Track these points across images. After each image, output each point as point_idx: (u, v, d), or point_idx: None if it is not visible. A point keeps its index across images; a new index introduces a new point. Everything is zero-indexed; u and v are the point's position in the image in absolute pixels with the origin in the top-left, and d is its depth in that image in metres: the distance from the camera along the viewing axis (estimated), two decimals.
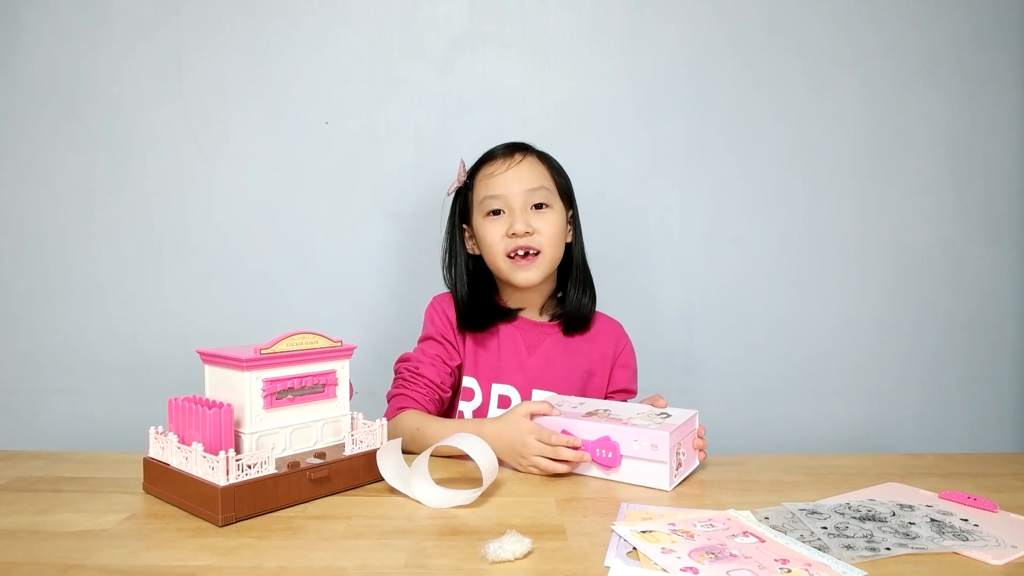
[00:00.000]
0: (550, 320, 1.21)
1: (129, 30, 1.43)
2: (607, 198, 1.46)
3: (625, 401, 1.19)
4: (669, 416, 0.93)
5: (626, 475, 0.89)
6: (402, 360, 1.17)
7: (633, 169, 1.47)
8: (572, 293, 1.19)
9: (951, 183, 1.49)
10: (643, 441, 0.87)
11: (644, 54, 1.46)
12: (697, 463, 0.95)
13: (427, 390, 1.11)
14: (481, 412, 1.15)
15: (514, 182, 1.13)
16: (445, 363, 1.14)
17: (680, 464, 0.89)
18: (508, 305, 1.20)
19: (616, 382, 1.21)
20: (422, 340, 1.19)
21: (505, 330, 1.18)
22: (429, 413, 1.09)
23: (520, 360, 1.16)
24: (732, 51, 1.46)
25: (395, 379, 1.15)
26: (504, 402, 1.15)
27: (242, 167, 1.45)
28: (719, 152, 1.47)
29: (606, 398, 1.19)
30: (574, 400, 1.03)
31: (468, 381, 1.16)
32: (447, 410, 1.17)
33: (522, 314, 1.20)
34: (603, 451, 0.89)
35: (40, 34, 1.43)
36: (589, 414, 0.94)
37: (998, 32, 1.47)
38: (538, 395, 1.14)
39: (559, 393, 1.14)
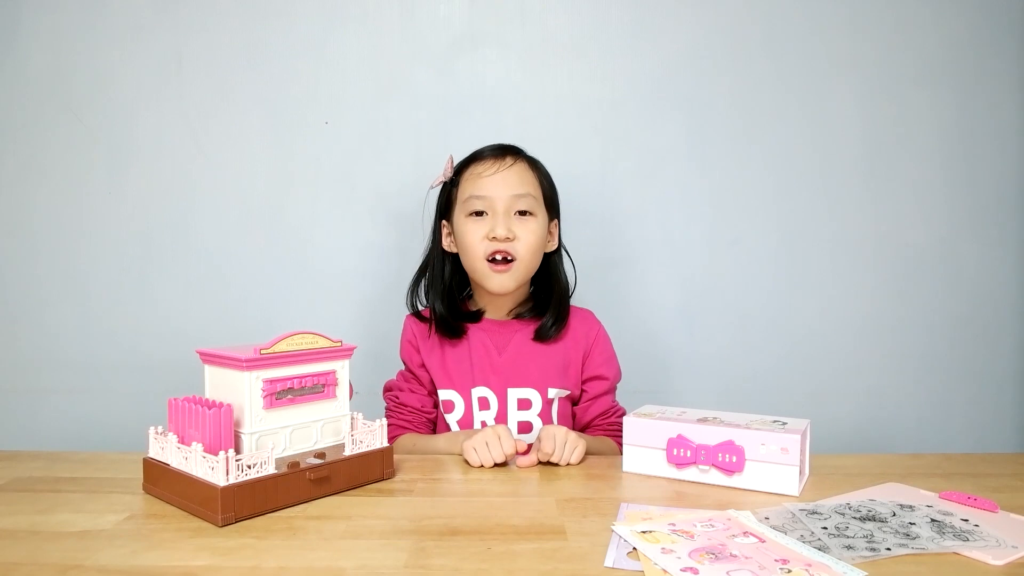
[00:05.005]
0: (515, 318, 1.19)
1: (129, 30, 1.43)
2: (607, 198, 1.46)
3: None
4: (785, 424, 0.90)
5: (750, 481, 0.86)
6: (387, 389, 1.20)
7: (633, 169, 1.47)
8: (548, 319, 1.15)
9: (951, 183, 1.48)
10: (772, 444, 0.85)
11: (644, 54, 1.46)
12: (807, 473, 0.91)
13: (412, 415, 1.15)
14: (466, 420, 1.14)
15: (501, 185, 1.11)
16: (422, 386, 1.18)
17: (802, 471, 0.87)
18: (478, 305, 1.20)
19: (590, 369, 1.18)
20: (402, 365, 1.21)
21: (474, 333, 1.17)
22: (421, 434, 1.14)
23: (491, 361, 1.15)
24: (732, 51, 1.46)
25: (385, 408, 1.18)
26: (484, 404, 1.14)
27: (242, 167, 1.45)
28: (719, 152, 1.47)
29: (583, 383, 1.18)
30: (676, 409, 0.98)
31: (447, 394, 1.15)
32: (437, 425, 1.19)
33: (488, 315, 1.19)
34: (726, 456, 0.86)
35: (40, 34, 1.43)
36: (701, 420, 0.91)
37: (998, 32, 1.47)
38: (513, 394, 1.14)
39: (536, 389, 1.14)
